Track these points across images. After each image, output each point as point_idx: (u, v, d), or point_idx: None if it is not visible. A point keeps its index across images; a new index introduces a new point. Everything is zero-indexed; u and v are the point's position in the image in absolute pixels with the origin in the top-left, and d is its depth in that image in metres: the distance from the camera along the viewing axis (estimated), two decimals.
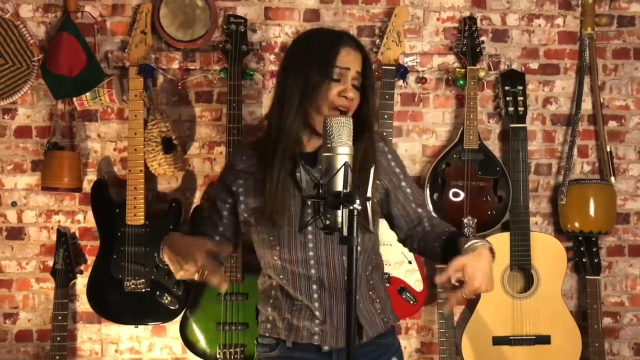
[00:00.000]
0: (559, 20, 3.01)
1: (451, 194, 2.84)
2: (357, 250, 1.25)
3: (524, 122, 2.86)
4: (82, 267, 2.85)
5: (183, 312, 2.73)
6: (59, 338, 2.69)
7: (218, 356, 2.69)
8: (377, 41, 2.88)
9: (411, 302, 2.81)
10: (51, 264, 2.79)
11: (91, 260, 2.80)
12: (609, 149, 2.95)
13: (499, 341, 2.79)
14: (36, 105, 2.87)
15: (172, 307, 2.73)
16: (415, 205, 1.79)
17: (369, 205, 1.30)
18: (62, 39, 2.69)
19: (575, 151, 2.97)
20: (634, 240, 3.05)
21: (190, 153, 2.91)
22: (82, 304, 2.86)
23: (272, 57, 2.90)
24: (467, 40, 2.86)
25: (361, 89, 1.66)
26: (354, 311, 1.30)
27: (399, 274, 2.80)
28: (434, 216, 1.87)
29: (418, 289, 2.82)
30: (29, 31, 2.79)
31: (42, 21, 2.85)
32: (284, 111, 1.62)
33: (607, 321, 3.02)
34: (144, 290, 2.71)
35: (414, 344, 2.99)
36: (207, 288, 2.69)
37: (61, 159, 2.75)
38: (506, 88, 2.88)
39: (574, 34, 3.01)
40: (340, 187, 1.28)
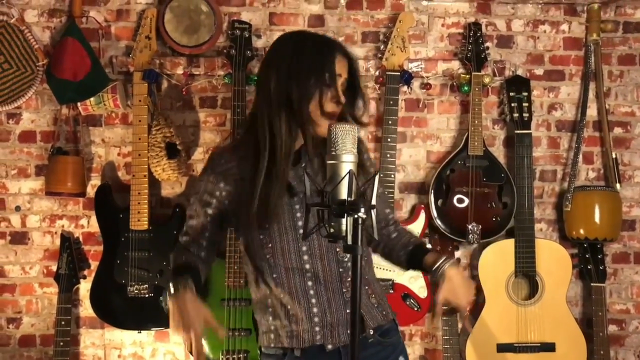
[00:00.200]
0: (564, 26, 3.00)
1: (455, 200, 2.83)
2: (361, 259, 1.25)
3: (528, 128, 2.85)
4: (85, 272, 2.84)
5: None
6: (62, 343, 2.68)
7: None
8: (382, 47, 2.87)
9: (415, 308, 2.80)
10: (55, 268, 2.78)
11: (95, 265, 2.80)
12: (614, 156, 2.94)
13: (503, 348, 2.78)
14: (40, 110, 2.87)
15: None
16: (384, 206, 1.85)
17: (373, 213, 1.29)
18: (66, 44, 2.69)
19: (581, 158, 2.96)
20: (639, 247, 3.03)
21: (194, 158, 2.90)
22: (86, 309, 2.86)
23: None
24: (472, 46, 2.86)
25: (349, 93, 1.70)
26: (358, 315, 1.29)
27: (403, 280, 2.79)
28: (397, 221, 1.93)
29: (422, 296, 2.81)
30: (34, 36, 2.80)
31: (47, 26, 2.85)
32: (278, 116, 1.63)
33: (613, 329, 3.00)
34: (147, 296, 2.71)
35: (417, 350, 2.98)
36: (210, 294, 2.68)
37: (65, 163, 2.75)
38: (511, 94, 2.87)
39: (580, 40, 3.00)
40: (344, 195, 1.28)
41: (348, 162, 1.32)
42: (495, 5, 2.98)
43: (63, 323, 2.70)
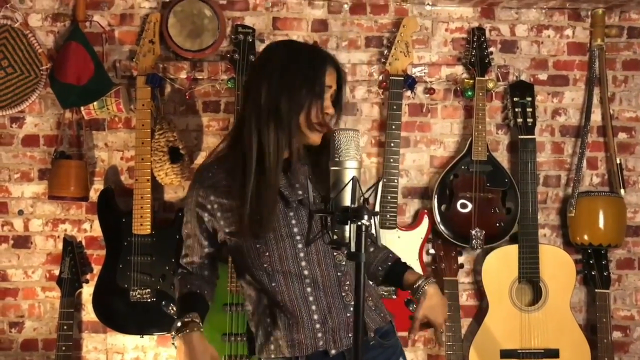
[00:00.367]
0: (568, 31, 3.00)
1: (459, 205, 2.82)
2: (364, 266, 1.24)
3: (532, 134, 2.84)
4: (88, 276, 2.84)
5: None
6: (64, 347, 2.68)
7: None
8: (385, 52, 2.87)
9: None
10: (57, 272, 2.78)
11: (97, 269, 2.80)
12: (618, 161, 2.93)
13: (506, 354, 2.76)
14: (44, 114, 2.88)
15: None
16: None
17: (376, 220, 1.29)
18: (70, 48, 2.69)
19: (585, 163, 2.95)
20: None
21: (197, 163, 2.89)
22: (88, 313, 2.85)
23: None
24: (475, 51, 2.85)
25: (335, 104, 1.72)
26: (362, 322, 1.29)
27: None
28: (374, 235, 1.89)
29: None
30: (38, 40, 2.80)
31: (50, 30, 2.86)
32: (266, 126, 1.62)
33: (617, 335, 2.99)
34: (149, 300, 2.70)
35: (420, 356, 2.96)
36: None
37: (68, 167, 2.75)
38: (515, 99, 2.86)
39: (584, 45, 3.00)
40: (348, 202, 1.27)
41: (352, 168, 1.32)
42: (499, 10, 2.97)
43: (65, 327, 2.69)
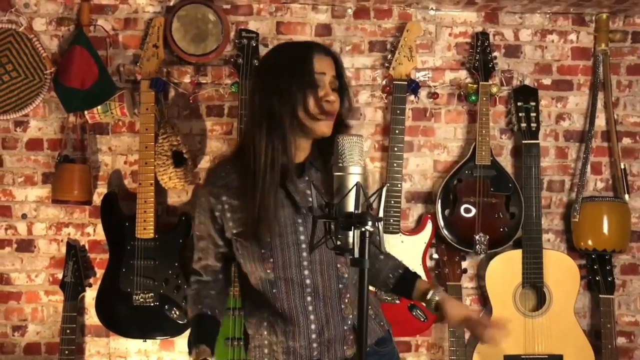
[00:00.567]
0: (572, 36, 2.99)
1: (463, 210, 2.81)
2: (368, 272, 1.24)
3: (536, 138, 2.83)
4: (91, 280, 2.84)
5: None
6: (67, 351, 2.68)
7: None
8: (389, 56, 2.87)
9: (421, 319, 2.78)
10: (60, 276, 2.78)
11: (100, 273, 2.80)
12: (623, 166, 2.92)
13: None
14: (48, 117, 2.88)
15: (181, 322, 2.71)
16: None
17: (380, 226, 1.28)
18: (74, 52, 2.69)
19: (589, 168, 2.94)
20: None
21: (200, 167, 2.90)
22: (91, 317, 2.85)
23: None
24: (479, 56, 2.85)
25: (338, 91, 1.68)
26: (365, 332, 1.29)
27: None
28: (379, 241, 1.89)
29: None
30: (42, 44, 2.81)
31: (55, 34, 2.86)
32: (258, 129, 1.62)
33: (621, 341, 2.97)
34: (152, 304, 2.70)
35: None
36: None
37: (72, 171, 2.75)
38: (519, 104, 2.85)
39: (588, 49, 2.99)
40: (351, 207, 1.26)
41: (355, 174, 1.31)
42: (503, 14, 2.97)
43: (68, 331, 2.69)
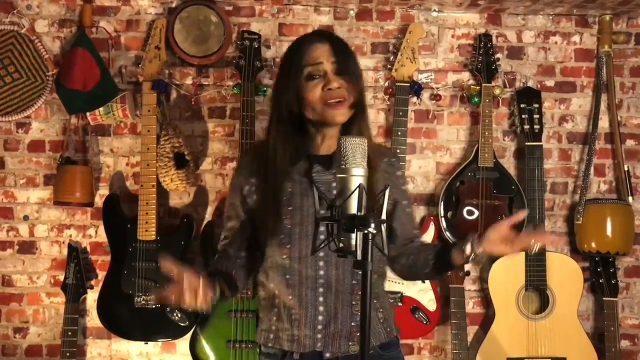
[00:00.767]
0: (575, 38, 2.98)
1: (465, 212, 2.80)
2: (371, 274, 1.23)
3: (539, 140, 2.82)
4: (92, 282, 2.84)
5: (193, 328, 2.70)
6: (68, 354, 2.67)
7: None
8: (391, 58, 2.86)
9: (424, 321, 2.77)
10: (62, 278, 2.78)
11: (102, 275, 2.80)
12: (626, 168, 2.90)
13: None
14: (50, 119, 2.88)
15: (182, 324, 2.70)
16: (412, 227, 1.85)
17: (383, 228, 1.27)
18: (76, 54, 2.69)
19: (592, 170, 2.93)
20: None
21: (202, 168, 2.89)
22: (92, 319, 2.85)
23: None
24: (482, 57, 2.84)
25: (339, 72, 1.67)
26: (368, 333, 1.29)
27: (412, 293, 2.76)
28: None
29: (431, 309, 2.78)
30: (44, 46, 2.80)
31: (57, 36, 2.86)
32: (272, 122, 1.71)
33: (625, 344, 2.96)
34: (154, 307, 2.69)
35: None
36: (218, 305, 2.66)
37: (74, 173, 2.75)
38: (522, 106, 2.84)
39: (591, 51, 2.98)
40: (354, 209, 1.26)
41: (358, 175, 1.30)
42: (505, 16, 2.96)
43: (70, 333, 2.69)
